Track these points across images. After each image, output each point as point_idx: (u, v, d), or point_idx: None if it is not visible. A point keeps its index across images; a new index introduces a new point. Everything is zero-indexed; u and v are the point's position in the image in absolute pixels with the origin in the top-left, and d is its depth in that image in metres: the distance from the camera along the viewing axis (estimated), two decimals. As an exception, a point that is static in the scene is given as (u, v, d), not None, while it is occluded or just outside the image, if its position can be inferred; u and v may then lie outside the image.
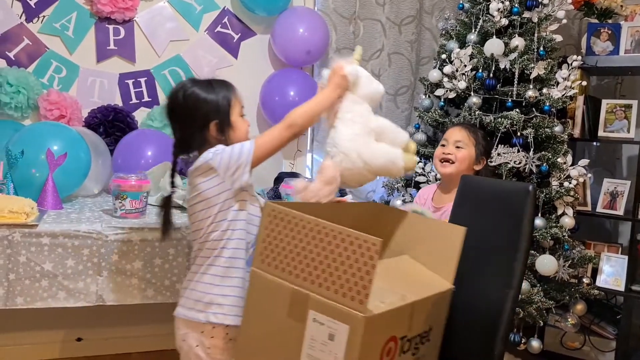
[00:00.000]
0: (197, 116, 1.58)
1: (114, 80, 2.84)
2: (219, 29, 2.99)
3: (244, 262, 1.59)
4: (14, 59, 2.67)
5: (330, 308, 1.23)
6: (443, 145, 2.25)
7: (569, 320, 2.72)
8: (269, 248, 1.36)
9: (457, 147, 2.21)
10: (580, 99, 3.05)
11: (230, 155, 1.52)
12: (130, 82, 2.87)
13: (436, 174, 2.65)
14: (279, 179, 2.59)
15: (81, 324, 2.70)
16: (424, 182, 2.68)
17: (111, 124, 2.72)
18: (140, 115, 2.87)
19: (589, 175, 2.84)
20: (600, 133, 3.06)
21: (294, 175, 2.69)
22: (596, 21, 3.13)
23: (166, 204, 1.73)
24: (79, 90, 2.78)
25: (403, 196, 2.78)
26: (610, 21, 3.11)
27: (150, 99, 2.89)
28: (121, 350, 2.76)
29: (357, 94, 1.64)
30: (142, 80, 2.88)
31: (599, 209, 3.03)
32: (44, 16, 2.71)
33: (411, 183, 2.79)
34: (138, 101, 2.88)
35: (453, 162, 2.20)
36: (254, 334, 1.39)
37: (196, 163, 1.58)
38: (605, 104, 3.07)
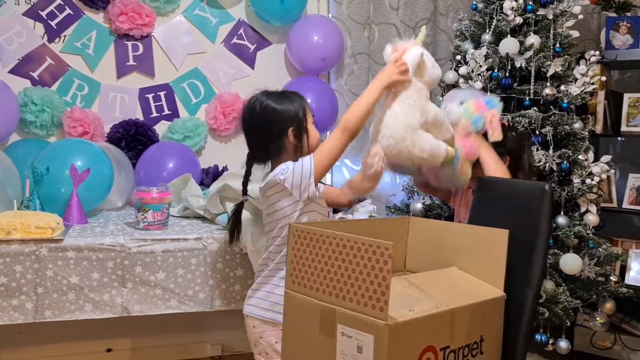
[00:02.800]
0: (275, 125, 1.69)
1: (135, 95, 2.90)
2: (235, 40, 3.03)
3: None
4: (37, 78, 2.76)
5: (355, 320, 1.24)
6: None
7: (598, 319, 2.67)
8: (297, 268, 1.38)
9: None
10: (602, 94, 3.00)
11: (294, 172, 1.63)
12: (150, 96, 2.92)
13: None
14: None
15: (111, 335, 2.75)
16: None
17: (133, 138, 2.78)
18: (161, 128, 2.93)
19: (613, 171, 2.79)
20: (623, 128, 3.01)
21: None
22: (614, 15, 3.08)
23: (238, 211, 1.88)
24: (101, 106, 2.85)
25: (423, 199, 2.77)
26: (629, 14, 3.06)
27: (170, 112, 2.95)
28: (149, 359, 2.81)
29: (420, 78, 1.65)
30: (162, 94, 2.94)
31: (625, 205, 2.97)
32: (65, 36, 2.79)
33: (431, 185, 2.77)
34: (158, 114, 2.94)
35: None
36: (294, 356, 1.41)
37: (269, 178, 1.69)
38: (627, 98, 3.02)
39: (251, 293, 1.77)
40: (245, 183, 1.82)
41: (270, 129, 1.70)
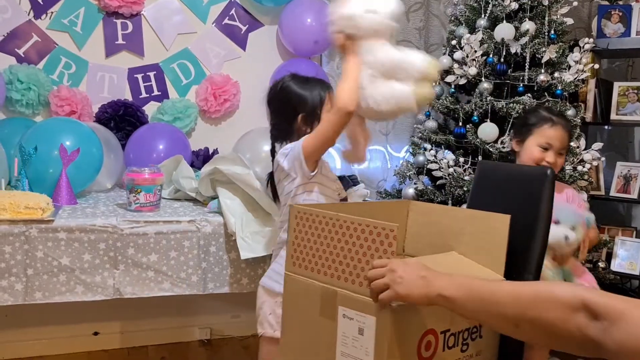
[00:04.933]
0: (288, 108, 1.75)
1: (123, 74, 2.84)
2: (226, 21, 2.98)
3: None
4: (23, 56, 2.68)
5: (357, 302, 1.23)
6: (545, 149, 1.97)
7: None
8: (298, 250, 1.36)
9: (560, 153, 1.99)
10: (592, 83, 3.02)
11: (288, 154, 1.70)
12: (139, 76, 2.87)
13: (449, 162, 2.63)
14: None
15: (97, 318, 2.72)
16: (436, 169, 2.67)
17: (121, 119, 2.73)
18: (150, 109, 2.87)
19: (602, 159, 2.82)
20: (613, 116, 3.04)
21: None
22: (607, 3, 3.09)
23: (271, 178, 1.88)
24: (89, 86, 2.79)
25: (415, 184, 2.77)
26: (621, 2, 3.07)
27: (159, 93, 2.90)
28: (137, 343, 2.78)
29: (361, 37, 1.62)
30: (151, 74, 2.88)
31: (613, 193, 3.01)
32: (52, 12, 2.71)
33: (423, 171, 2.77)
34: (148, 95, 2.88)
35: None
36: (293, 338, 1.39)
37: (277, 162, 1.74)
38: (617, 86, 3.05)
39: (270, 265, 1.83)
40: (272, 157, 1.83)
41: (284, 110, 1.76)
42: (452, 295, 1.05)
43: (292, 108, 1.74)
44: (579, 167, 2.56)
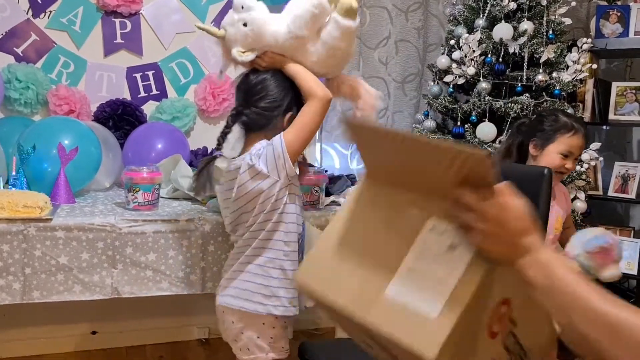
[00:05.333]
0: (286, 98, 1.61)
1: (122, 74, 2.84)
2: (225, 20, 2.97)
3: (296, 254, 1.64)
4: (22, 55, 2.68)
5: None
6: (565, 156, 1.97)
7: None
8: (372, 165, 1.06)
9: (576, 158, 2.03)
10: (590, 83, 3.03)
11: (268, 154, 1.54)
12: (138, 75, 2.86)
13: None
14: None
15: (96, 318, 2.72)
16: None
17: (120, 118, 2.73)
18: (148, 108, 2.87)
19: (600, 159, 2.82)
20: (611, 116, 3.04)
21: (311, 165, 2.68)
22: (605, 3, 3.10)
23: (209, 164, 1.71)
24: (87, 85, 2.78)
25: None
26: (619, 3, 3.08)
27: (158, 92, 2.89)
28: (135, 342, 2.78)
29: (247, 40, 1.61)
30: (150, 73, 2.88)
31: (611, 193, 3.02)
32: (50, 11, 2.71)
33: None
34: (146, 94, 2.88)
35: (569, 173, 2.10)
36: (352, 237, 1.04)
37: (239, 162, 1.59)
38: (615, 86, 3.05)
39: (226, 283, 1.65)
40: (223, 138, 1.66)
41: (280, 100, 1.60)
42: (533, 280, 0.84)
43: (289, 101, 1.61)
44: (577, 167, 2.56)
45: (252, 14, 1.60)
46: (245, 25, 1.60)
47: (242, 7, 1.60)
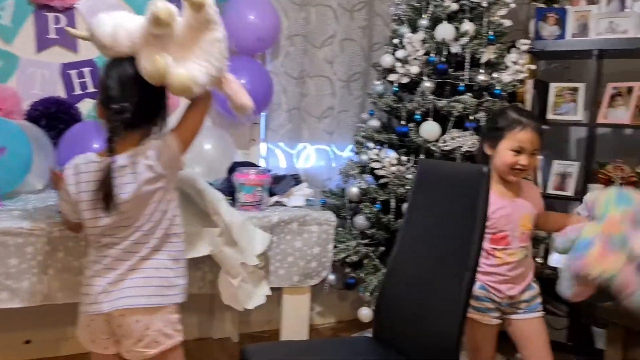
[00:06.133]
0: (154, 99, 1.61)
1: (56, 70, 2.71)
2: (166, 16, 2.89)
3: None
4: (-55, 49, 2.52)
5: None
6: (518, 152, 1.93)
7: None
8: None
9: (533, 154, 1.96)
10: (530, 83, 3.10)
11: (167, 155, 1.57)
12: (73, 72, 2.74)
13: (391, 160, 2.63)
14: (233, 168, 2.53)
15: (29, 326, 2.59)
16: (379, 168, 2.67)
17: (54, 117, 2.60)
18: (84, 106, 2.75)
19: (540, 157, 2.89)
20: (549, 116, 3.12)
21: (248, 164, 2.64)
22: (543, 6, 3.17)
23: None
24: (19, 82, 2.64)
25: (359, 183, 2.76)
26: (556, 5, 3.16)
27: (95, 90, 2.78)
28: (72, 351, 2.67)
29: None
30: (86, 70, 2.76)
31: (550, 191, 3.09)
32: (-23, 4, 2.56)
33: (366, 169, 2.77)
34: (82, 92, 2.76)
35: (526, 169, 1.98)
36: None
37: (122, 161, 1.53)
38: (553, 87, 3.14)
39: (118, 286, 1.57)
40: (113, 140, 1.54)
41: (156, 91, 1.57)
42: None
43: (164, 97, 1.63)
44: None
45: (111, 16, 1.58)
46: (104, 26, 1.56)
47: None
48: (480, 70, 2.65)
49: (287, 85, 3.07)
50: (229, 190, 2.40)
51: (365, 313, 2.76)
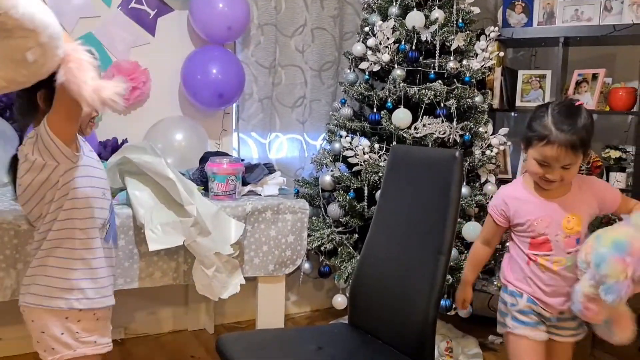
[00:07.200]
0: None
1: (20, 61, 2.64)
2: (132, 4, 2.83)
3: (100, 241, 1.58)
4: None
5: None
6: (544, 165, 1.64)
7: (495, 283, 2.82)
8: None
9: (565, 168, 1.63)
10: (498, 71, 3.14)
11: (40, 141, 1.44)
12: (38, 62, 2.67)
13: (364, 148, 2.64)
14: (205, 158, 2.51)
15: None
16: (352, 157, 2.68)
17: (19, 108, 2.54)
18: (51, 97, 2.69)
19: (509, 144, 2.94)
20: (518, 103, 3.18)
21: (219, 154, 2.61)
22: (511, -6, 3.21)
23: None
24: (-19, 73, 2.57)
25: (332, 171, 2.77)
26: (523, -7, 3.20)
27: (61, 81, 2.71)
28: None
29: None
30: (52, 60, 2.69)
31: (519, 176, 3.14)
32: None
33: (339, 158, 2.78)
34: (48, 83, 2.70)
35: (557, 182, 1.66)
36: None
37: (23, 153, 1.49)
38: (521, 74, 3.19)
39: (27, 281, 1.55)
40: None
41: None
42: None
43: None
44: (487, 152, 2.65)
45: None
46: None
47: None
48: (450, 58, 2.67)
49: (258, 74, 3.04)
50: (202, 180, 2.38)
51: (340, 300, 2.77)
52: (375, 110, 2.71)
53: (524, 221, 1.71)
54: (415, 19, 2.66)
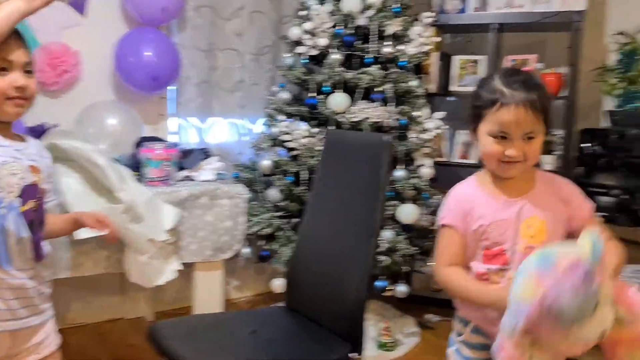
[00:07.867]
0: None
1: None
2: (61, -17, 2.73)
3: None
4: None
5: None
6: (503, 137, 1.30)
7: (432, 264, 2.89)
8: None
9: (529, 138, 1.30)
10: (435, 56, 3.19)
11: None
12: None
13: (302, 133, 2.65)
14: (139, 144, 2.46)
15: None
16: (289, 141, 2.68)
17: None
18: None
19: (446, 127, 3.00)
20: (453, 88, 3.25)
21: (154, 139, 2.56)
22: (447, -20, 3.26)
23: None
24: None
25: (271, 156, 2.76)
26: (458, -21, 3.26)
27: None
28: None
29: None
30: None
31: (455, 159, 3.23)
32: None
33: (278, 142, 2.77)
34: None
35: (520, 161, 1.31)
36: None
37: None
38: (457, 59, 3.25)
39: None
40: None
41: None
42: None
43: None
44: (423, 135, 2.70)
45: None
46: None
47: None
48: (386, 43, 2.70)
49: (195, 58, 2.99)
50: (136, 165, 2.33)
51: (278, 284, 2.78)
52: (312, 94, 2.72)
53: (476, 227, 1.34)
54: (351, 3, 2.67)
